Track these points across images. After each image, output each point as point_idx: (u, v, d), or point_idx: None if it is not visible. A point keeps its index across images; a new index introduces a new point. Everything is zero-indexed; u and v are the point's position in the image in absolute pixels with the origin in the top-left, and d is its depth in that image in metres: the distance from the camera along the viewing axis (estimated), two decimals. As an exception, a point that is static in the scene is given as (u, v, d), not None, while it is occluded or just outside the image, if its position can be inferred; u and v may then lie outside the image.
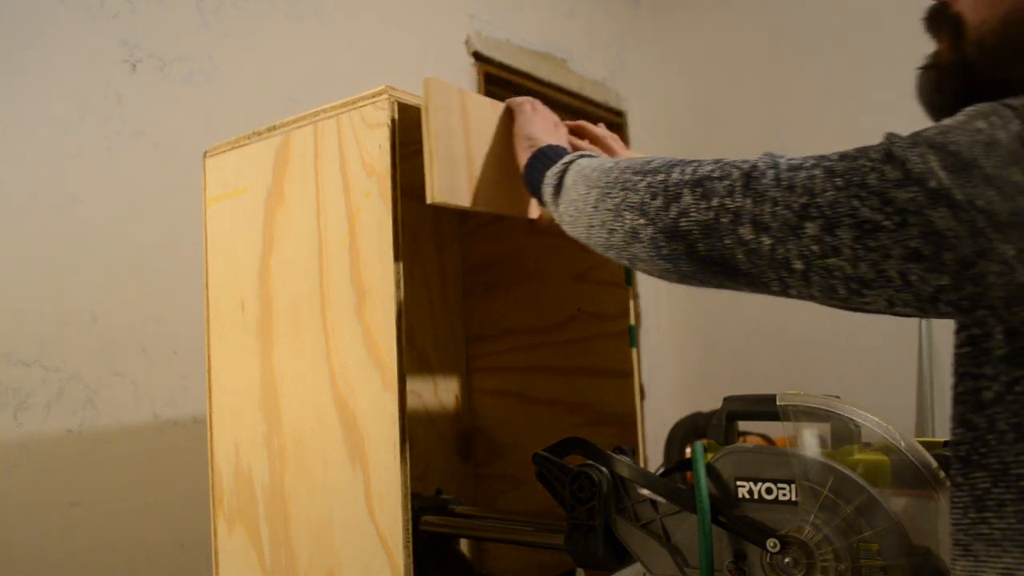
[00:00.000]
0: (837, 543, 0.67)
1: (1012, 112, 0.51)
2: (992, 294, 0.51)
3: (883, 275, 0.53)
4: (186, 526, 1.51)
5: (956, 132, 0.51)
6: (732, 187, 0.59)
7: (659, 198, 0.64)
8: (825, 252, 0.54)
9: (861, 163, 0.54)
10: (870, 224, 0.52)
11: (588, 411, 1.28)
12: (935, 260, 0.51)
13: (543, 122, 0.91)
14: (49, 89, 1.44)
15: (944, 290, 0.52)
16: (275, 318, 0.96)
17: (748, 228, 0.57)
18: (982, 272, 0.50)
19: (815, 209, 0.54)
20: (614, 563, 0.82)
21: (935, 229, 0.50)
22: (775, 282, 0.58)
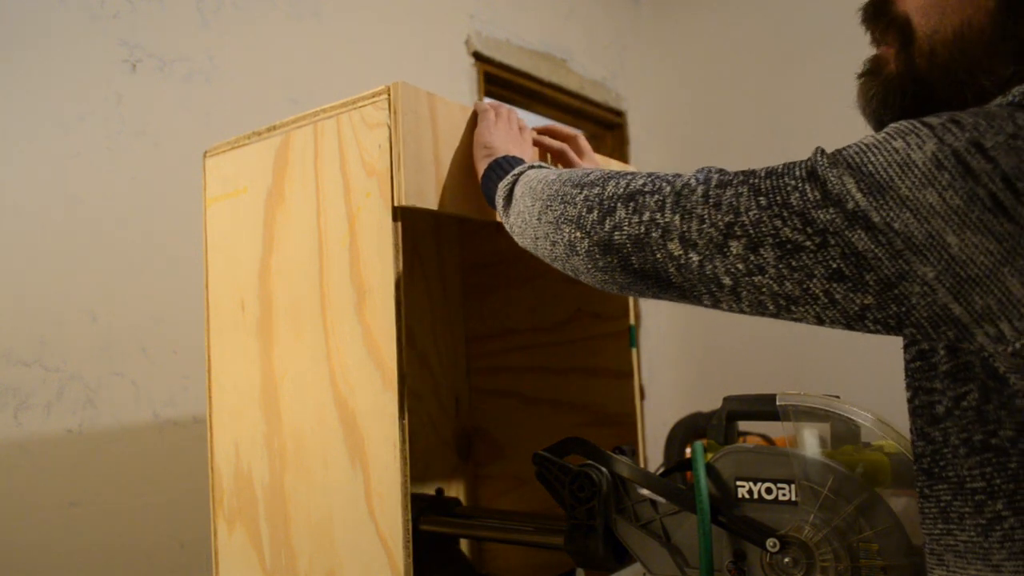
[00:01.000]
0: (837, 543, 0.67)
1: (929, 131, 0.50)
2: (916, 314, 0.51)
3: (808, 293, 0.53)
4: (186, 526, 1.51)
5: (874, 151, 0.51)
6: (663, 202, 0.59)
7: (595, 211, 0.64)
8: (751, 270, 0.55)
9: (785, 181, 0.54)
10: (792, 244, 0.53)
11: (588, 411, 1.28)
12: (857, 280, 0.51)
13: (505, 129, 0.92)
14: (49, 89, 1.44)
15: (869, 309, 0.52)
16: (275, 318, 0.96)
17: (676, 244, 0.58)
18: (904, 293, 0.50)
19: (739, 228, 0.55)
20: (614, 563, 0.82)
21: (855, 250, 0.51)
22: (706, 296, 0.59)
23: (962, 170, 0.48)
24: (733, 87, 3.12)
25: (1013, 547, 0.53)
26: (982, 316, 0.49)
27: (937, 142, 0.49)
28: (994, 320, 0.48)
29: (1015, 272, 0.47)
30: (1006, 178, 0.47)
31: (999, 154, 0.47)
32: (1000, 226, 0.47)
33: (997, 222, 0.47)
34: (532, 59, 2.66)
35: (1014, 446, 0.52)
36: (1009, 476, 0.53)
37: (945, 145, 0.48)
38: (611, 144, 3.14)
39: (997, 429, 0.53)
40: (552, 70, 2.74)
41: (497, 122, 0.92)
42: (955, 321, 0.50)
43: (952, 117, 0.50)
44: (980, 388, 0.54)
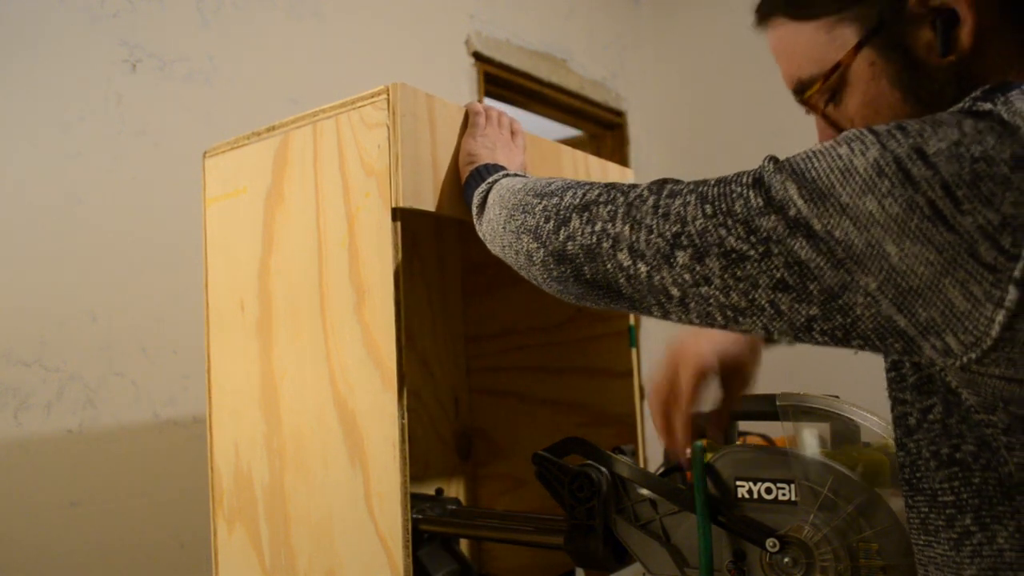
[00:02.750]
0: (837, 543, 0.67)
1: (874, 138, 0.49)
2: (862, 326, 0.50)
3: (754, 304, 0.53)
4: (186, 526, 1.52)
5: (819, 158, 0.50)
6: (615, 212, 0.60)
7: (551, 221, 0.65)
8: (697, 281, 0.54)
9: (731, 188, 0.54)
10: (736, 254, 0.52)
11: (588, 411, 1.28)
12: (801, 290, 0.50)
13: (495, 134, 0.92)
14: (49, 89, 1.44)
15: (815, 320, 0.51)
16: (274, 318, 0.96)
17: (625, 254, 0.58)
18: (849, 303, 0.49)
19: (686, 238, 0.55)
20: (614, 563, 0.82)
21: (798, 259, 0.50)
22: (655, 307, 0.59)
23: (902, 177, 0.47)
24: (733, 87, 3.12)
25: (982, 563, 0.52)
26: (927, 328, 0.47)
27: (880, 148, 0.48)
28: (939, 333, 0.47)
29: (956, 283, 0.46)
30: (946, 185, 0.45)
31: (940, 161, 0.46)
32: (939, 235, 0.45)
33: (936, 231, 0.46)
34: (532, 59, 2.65)
35: (976, 461, 0.52)
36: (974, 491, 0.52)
37: (887, 151, 0.47)
38: (611, 144, 3.14)
39: (960, 444, 0.52)
40: (552, 70, 2.74)
41: (487, 127, 0.92)
42: (901, 333, 0.48)
43: (899, 124, 0.49)
44: (943, 401, 0.53)
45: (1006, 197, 0.45)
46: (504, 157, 0.89)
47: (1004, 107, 0.48)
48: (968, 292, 0.45)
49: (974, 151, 0.46)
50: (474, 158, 0.88)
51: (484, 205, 0.79)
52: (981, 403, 0.50)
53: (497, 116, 0.95)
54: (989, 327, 0.45)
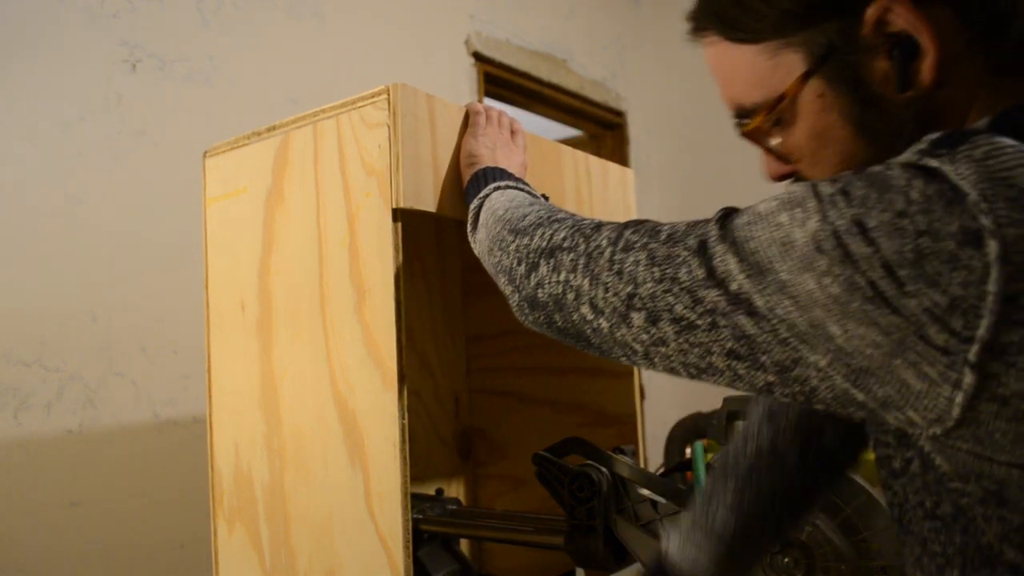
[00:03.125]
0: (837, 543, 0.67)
1: (816, 204, 0.45)
2: (821, 395, 0.47)
3: (713, 367, 0.51)
4: (186, 526, 1.51)
5: (760, 225, 0.47)
6: (576, 263, 0.58)
7: (522, 264, 0.65)
8: (655, 342, 0.53)
9: (678, 252, 0.52)
10: (686, 322, 0.51)
11: (588, 411, 1.28)
12: (753, 361, 0.48)
13: (495, 134, 0.92)
14: (49, 89, 1.44)
15: (773, 385, 0.49)
16: (275, 318, 0.96)
17: (587, 308, 0.57)
18: (802, 376, 0.47)
19: (639, 300, 0.53)
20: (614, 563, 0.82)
21: (744, 333, 0.48)
22: (623, 358, 0.58)
23: (841, 254, 0.43)
24: (733, 87, 3.11)
25: None
26: (886, 404, 0.45)
27: (820, 219, 0.44)
28: (899, 408, 0.44)
29: (908, 364, 0.43)
30: (887, 265, 0.42)
31: (881, 236, 0.42)
32: (883, 318, 0.42)
33: (879, 313, 0.42)
34: (532, 59, 2.66)
35: (955, 522, 0.49)
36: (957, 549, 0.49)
37: (827, 224, 0.44)
38: (611, 144, 3.14)
39: (939, 502, 0.49)
40: (552, 70, 2.74)
41: (487, 127, 0.92)
42: (861, 405, 0.46)
43: (844, 188, 0.45)
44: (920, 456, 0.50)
45: (953, 277, 0.41)
46: (504, 157, 0.89)
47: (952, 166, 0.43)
48: (922, 373, 0.43)
49: (919, 224, 0.42)
50: (475, 159, 0.88)
51: (476, 222, 0.80)
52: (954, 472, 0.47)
53: (497, 116, 0.95)
54: (949, 407, 0.43)
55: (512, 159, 0.90)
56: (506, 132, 0.94)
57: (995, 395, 0.42)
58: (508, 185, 0.81)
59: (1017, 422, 0.42)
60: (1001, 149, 0.43)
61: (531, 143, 1.01)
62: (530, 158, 1.00)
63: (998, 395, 0.42)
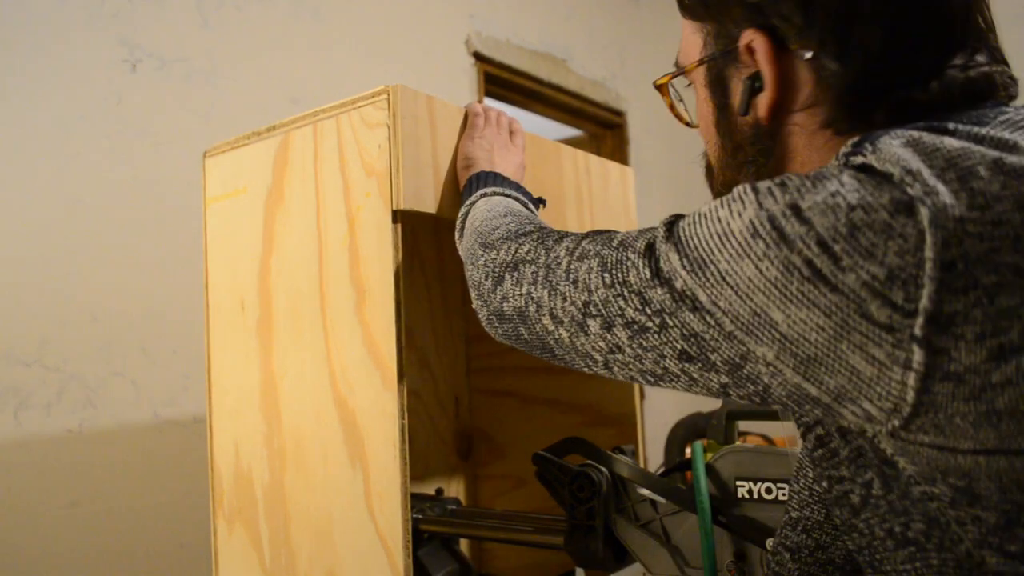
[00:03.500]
0: (837, 543, 0.67)
1: (753, 196, 0.46)
2: (775, 392, 0.46)
3: (668, 372, 0.51)
4: (186, 526, 1.51)
5: (702, 222, 0.48)
6: (536, 275, 0.59)
7: (489, 279, 0.66)
8: (611, 349, 0.53)
9: (627, 256, 0.52)
10: (637, 325, 0.50)
11: (588, 411, 1.28)
12: (705, 361, 0.48)
13: (493, 135, 0.92)
14: (49, 89, 1.44)
15: (728, 387, 0.49)
16: (275, 318, 0.96)
17: (548, 319, 0.58)
18: (753, 373, 0.46)
19: (594, 307, 0.53)
20: (614, 563, 0.82)
21: (692, 332, 0.48)
22: (585, 368, 0.58)
23: (776, 236, 0.43)
24: (733, 87, 3.12)
25: None
26: (839, 396, 0.44)
27: (756, 208, 0.45)
28: (853, 400, 0.43)
29: (854, 348, 0.42)
30: (821, 241, 0.42)
31: (815, 214, 0.42)
32: (823, 297, 0.42)
33: (819, 293, 0.42)
34: (532, 59, 2.66)
35: (928, 540, 0.47)
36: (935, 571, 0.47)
37: (763, 210, 0.44)
38: (611, 144, 3.14)
39: (908, 521, 0.47)
40: (552, 70, 2.74)
41: (484, 128, 0.92)
42: (815, 401, 0.45)
43: (781, 180, 0.46)
44: (879, 475, 0.48)
45: (888, 247, 0.41)
46: (501, 159, 0.89)
47: (874, 156, 0.44)
48: (869, 356, 0.42)
49: (851, 199, 0.42)
50: (471, 162, 0.88)
51: (463, 231, 0.80)
52: (920, 473, 0.45)
53: (496, 116, 0.95)
54: (903, 392, 0.41)
55: (509, 160, 0.90)
56: (504, 132, 0.94)
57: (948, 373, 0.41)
58: (495, 192, 0.81)
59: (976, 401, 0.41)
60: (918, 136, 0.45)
61: (531, 143, 1.01)
62: (530, 158, 1.00)
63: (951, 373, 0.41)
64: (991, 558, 0.44)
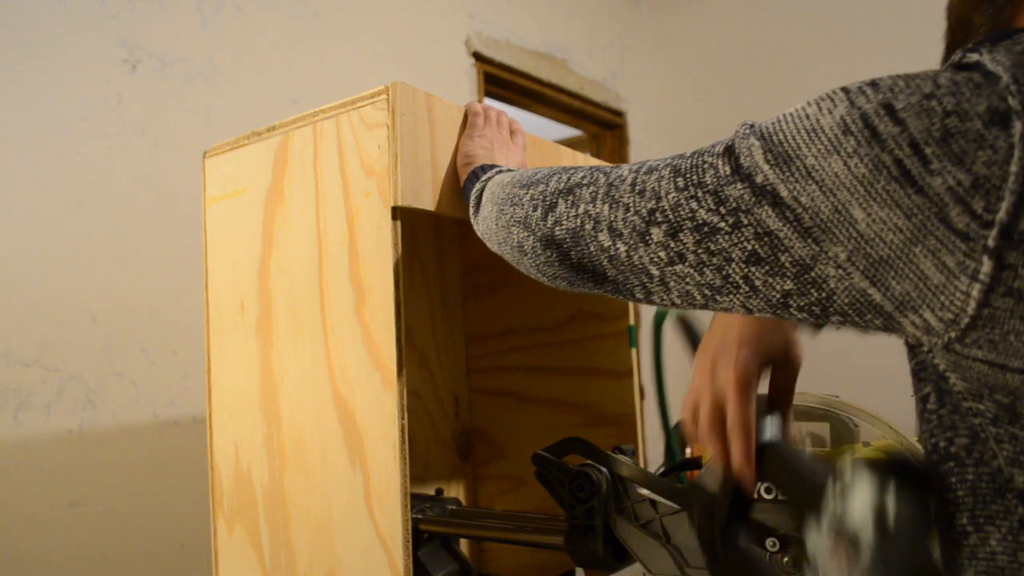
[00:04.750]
0: (836, 543, 0.67)
1: (844, 95, 0.46)
2: (838, 300, 0.47)
3: (729, 281, 0.50)
4: (186, 526, 1.52)
5: (788, 120, 0.48)
6: (596, 193, 0.58)
7: (539, 209, 0.64)
8: (672, 259, 0.53)
9: (703, 159, 0.51)
10: (708, 227, 0.50)
11: (588, 411, 1.28)
12: (773, 263, 0.48)
13: (492, 134, 0.92)
14: (49, 89, 1.44)
15: (790, 295, 0.48)
16: (274, 318, 0.96)
17: (606, 235, 0.57)
18: (821, 276, 0.46)
19: (660, 214, 0.53)
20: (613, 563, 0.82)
21: (767, 229, 0.47)
22: (638, 288, 0.57)
23: (868, 135, 0.44)
24: (733, 87, 3.12)
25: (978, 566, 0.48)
26: (903, 303, 0.44)
27: (848, 105, 0.45)
28: (916, 308, 0.44)
29: (927, 252, 0.43)
30: (914, 143, 0.42)
31: (909, 116, 0.43)
32: (907, 198, 0.43)
33: (904, 193, 0.43)
34: (532, 59, 2.66)
35: (969, 455, 0.48)
36: (968, 488, 0.49)
37: (855, 108, 0.44)
38: (611, 144, 3.14)
39: (954, 436, 0.49)
40: (552, 70, 2.74)
41: (485, 127, 0.92)
42: (877, 308, 0.46)
43: (873, 80, 0.46)
44: (936, 390, 0.50)
45: (978, 156, 0.41)
46: (502, 157, 0.89)
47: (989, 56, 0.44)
48: (940, 263, 0.42)
49: (946, 104, 0.42)
50: (471, 159, 0.88)
51: (479, 204, 0.79)
52: (968, 390, 0.47)
53: (496, 116, 0.95)
54: (965, 303, 0.42)
55: (510, 159, 0.90)
56: (505, 132, 0.94)
57: (1011, 289, 0.41)
58: (510, 169, 0.81)
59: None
60: None
61: (531, 143, 1.01)
62: (530, 158, 1.00)
63: (1014, 289, 0.41)
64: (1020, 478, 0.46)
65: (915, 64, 0.67)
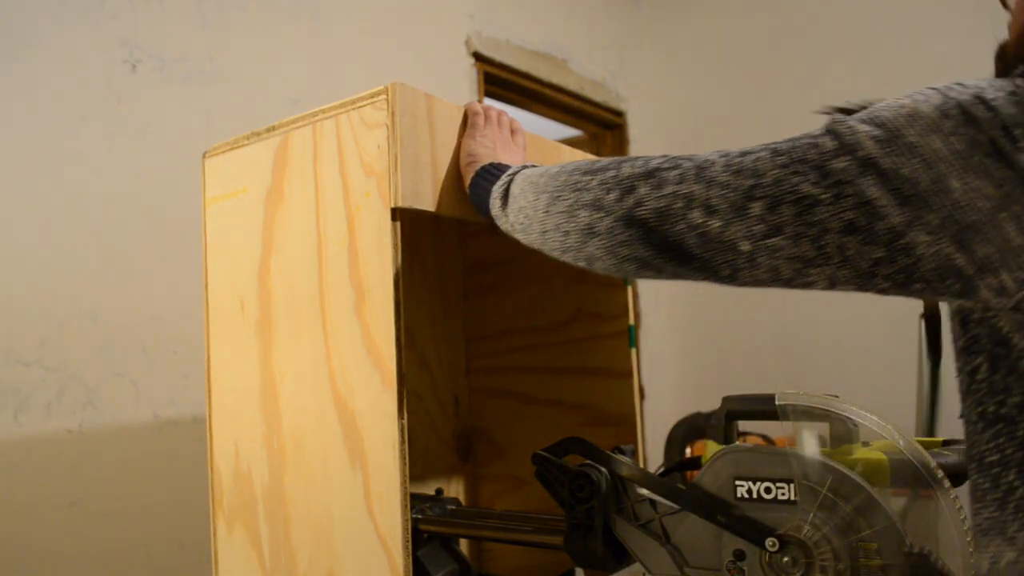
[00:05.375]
0: (836, 542, 0.67)
1: (935, 90, 0.53)
2: (924, 266, 0.53)
3: (823, 252, 0.55)
4: (186, 526, 1.51)
5: (884, 109, 0.54)
6: (684, 175, 0.61)
7: (613, 192, 0.65)
8: (768, 232, 0.56)
9: (804, 140, 0.56)
10: (809, 199, 0.55)
11: (588, 411, 1.28)
12: (869, 231, 0.53)
13: (494, 134, 0.92)
14: (49, 89, 1.45)
15: (880, 263, 0.54)
16: (274, 318, 0.96)
17: (699, 212, 0.59)
18: (912, 242, 0.52)
19: (760, 190, 0.57)
20: (613, 563, 0.82)
21: (867, 199, 0.53)
22: (724, 266, 0.60)
23: (965, 118, 0.51)
24: (733, 87, 3.12)
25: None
26: (983, 266, 0.51)
27: (942, 97, 0.52)
28: (995, 270, 0.51)
29: (1011, 219, 0.50)
30: (1004, 126, 0.50)
31: (1000, 104, 0.51)
32: (998, 171, 0.50)
33: (996, 167, 0.50)
34: (532, 59, 2.66)
35: (1021, 413, 0.54)
36: (1018, 444, 0.54)
37: (949, 99, 0.52)
38: (611, 144, 3.14)
39: (1006, 398, 0.55)
40: (552, 70, 2.74)
41: (486, 127, 0.92)
42: (959, 272, 0.52)
43: (958, 80, 0.53)
44: (988, 358, 0.56)
45: None
46: (505, 156, 0.89)
47: None
48: (1021, 227, 0.50)
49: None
50: (475, 158, 0.88)
51: (507, 196, 0.79)
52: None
53: (497, 116, 0.95)
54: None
55: (513, 158, 0.90)
56: (506, 131, 0.94)
57: None
58: (536, 165, 0.81)
59: None
60: None
61: (531, 143, 1.02)
62: (530, 157, 1.00)
63: None
64: None
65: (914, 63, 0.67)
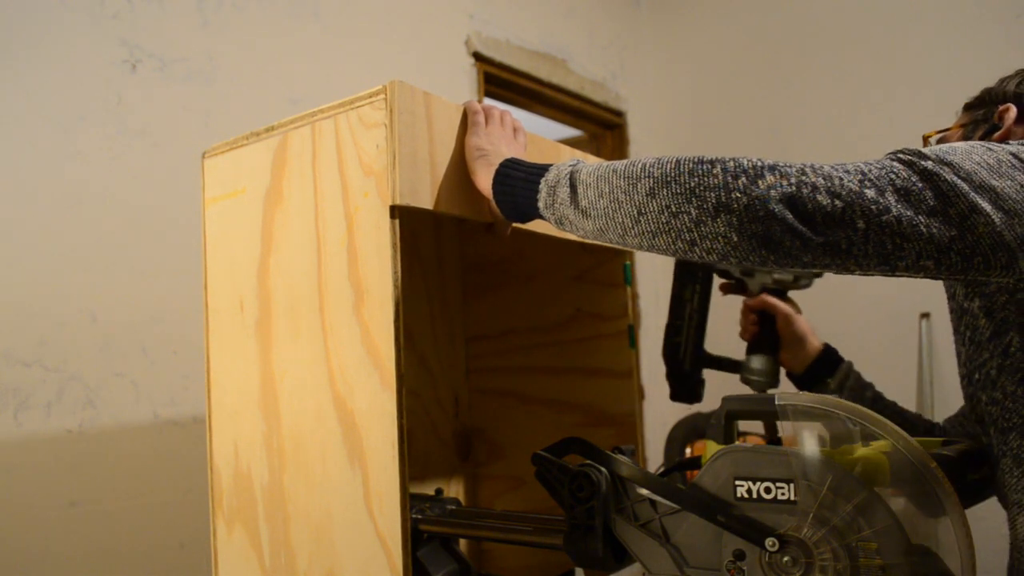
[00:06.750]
0: (836, 542, 0.67)
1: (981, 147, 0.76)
2: (983, 243, 0.70)
3: (916, 230, 0.70)
4: (186, 526, 1.52)
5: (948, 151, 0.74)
6: (803, 169, 0.72)
7: (742, 178, 0.71)
8: (880, 211, 0.70)
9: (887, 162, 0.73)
10: (904, 189, 0.71)
11: (588, 411, 1.28)
12: (944, 215, 0.70)
13: (498, 132, 0.92)
14: (49, 89, 1.45)
15: (954, 240, 0.70)
16: (274, 318, 0.96)
17: (824, 196, 0.70)
18: (975, 223, 0.70)
19: (869, 181, 0.71)
20: (613, 563, 0.82)
21: (942, 191, 0.70)
22: (843, 240, 0.70)
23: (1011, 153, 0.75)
24: (733, 87, 3.12)
25: None
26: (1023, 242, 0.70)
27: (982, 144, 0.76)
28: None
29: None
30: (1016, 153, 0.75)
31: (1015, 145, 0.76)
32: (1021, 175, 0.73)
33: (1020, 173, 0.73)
34: (532, 59, 2.66)
35: None
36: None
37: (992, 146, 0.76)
38: (611, 144, 3.14)
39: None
40: (552, 70, 2.74)
41: (489, 124, 0.92)
42: (1006, 247, 0.70)
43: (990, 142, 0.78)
44: (1019, 331, 0.80)
45: None
46: (510, 154, 0.89)
47: None
48: None
49: None
50: (484, 152, 0.88)
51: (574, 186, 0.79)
52: None
53: (499, 114, 0.95)
54: None
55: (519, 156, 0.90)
56: (509, 130, 0.94)
57: None
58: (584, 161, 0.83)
59: None
60: None
61: (531, 143, 1.01)
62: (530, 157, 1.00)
63: None
64: None
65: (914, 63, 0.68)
